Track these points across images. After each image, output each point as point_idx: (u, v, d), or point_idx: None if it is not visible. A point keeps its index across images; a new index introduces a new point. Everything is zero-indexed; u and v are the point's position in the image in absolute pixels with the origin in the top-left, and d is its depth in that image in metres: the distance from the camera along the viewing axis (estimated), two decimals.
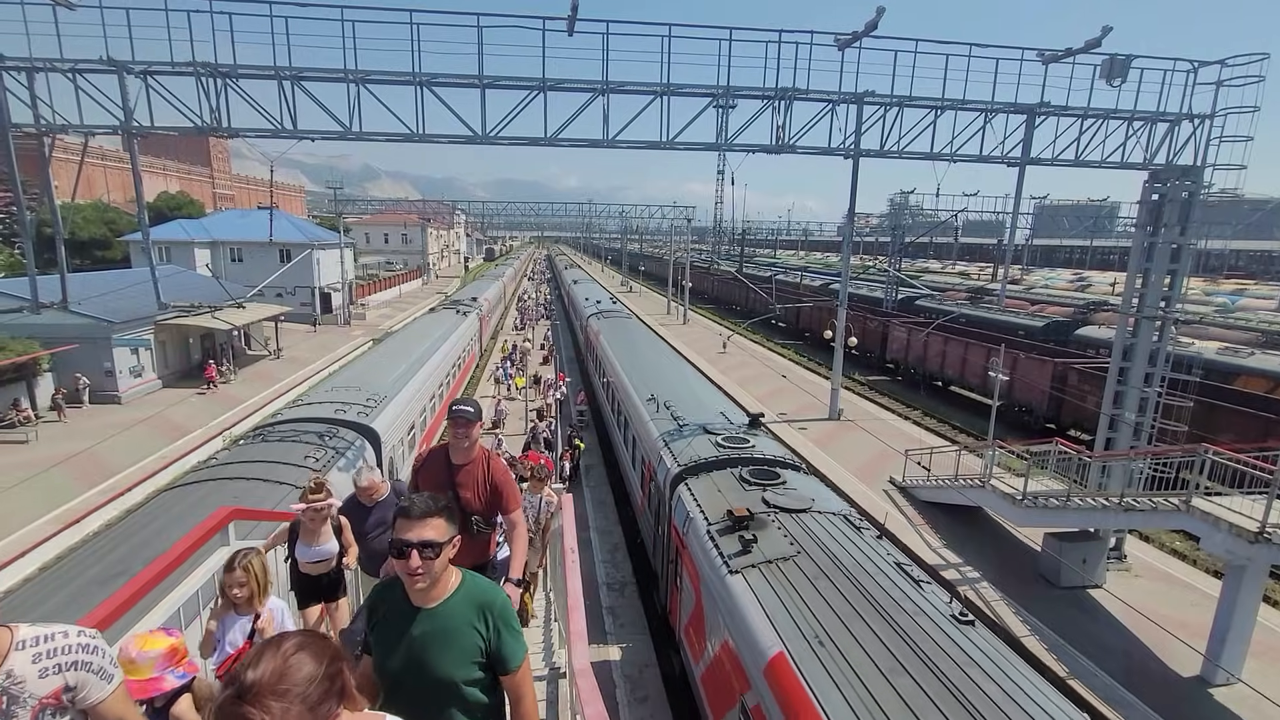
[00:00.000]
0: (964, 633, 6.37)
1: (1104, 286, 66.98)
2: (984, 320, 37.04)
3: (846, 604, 6.96)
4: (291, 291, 46.16)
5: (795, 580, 7.56)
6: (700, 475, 11.01)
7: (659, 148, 13.21)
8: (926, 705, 5.39)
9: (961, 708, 5.32)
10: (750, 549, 8.29)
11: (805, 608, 7.05)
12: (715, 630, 8.25)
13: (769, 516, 9.11)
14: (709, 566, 8.64)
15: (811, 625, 6.75)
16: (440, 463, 4.80)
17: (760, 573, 7.82)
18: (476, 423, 4.70)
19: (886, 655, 6.10)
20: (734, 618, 7.53)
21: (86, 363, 25.21)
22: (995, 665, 5.89)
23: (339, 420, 13.09)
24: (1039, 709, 5.29)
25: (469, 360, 29.52)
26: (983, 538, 16.25)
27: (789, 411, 26.41)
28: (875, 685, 5.73)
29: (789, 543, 8.38)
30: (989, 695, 5.43)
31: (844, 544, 8.29)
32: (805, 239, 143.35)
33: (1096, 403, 22.60)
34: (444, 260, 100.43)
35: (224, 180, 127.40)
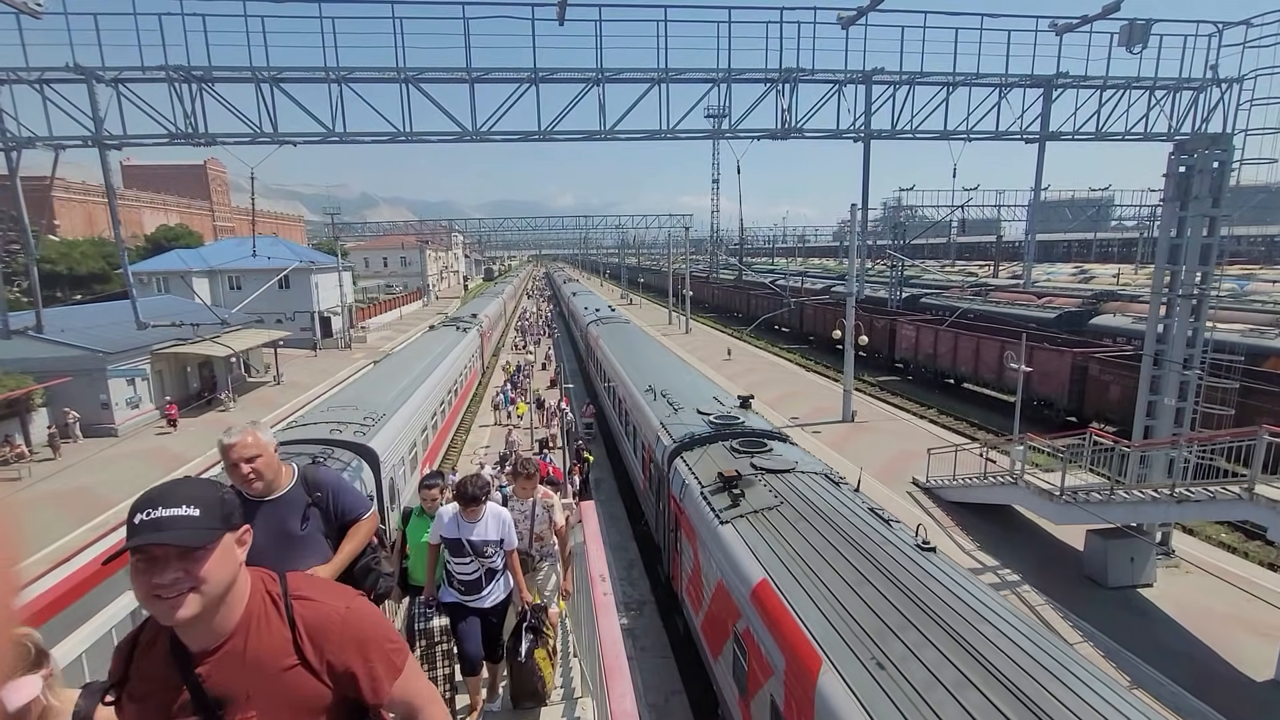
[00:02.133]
0: (926, 557, 7.04)
1: (1106, 278, 66.38)
2: (992, 315, 36.32)
3: (823, 539, 7.71)
4: (291, 317, 45.68)
5: (778, 525, 8.34)
6: (694, 449, 11.82)
7: (659, 137, 12.65)
8: (891, 611, 6.07)
9: (924, 613, 5.95)
10: (739, 503, 9.16)
11: (786, 544, 7.82)
12: (710, 577, 9.04)
13: (756, 477, 9.89)
14: (702, 522, 9.48)
15: (791, 556, 7.53)
16: None
17: (748, 521, 8.65)
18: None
19: (856, 575, 6.82)
20: (726, 559, 8.38)
21: (82, 395, 24.63)
22: (954, 580, 6.51)
23: (334, 440, 12.39)
24: (995, 615, 5.85)
25: (471, 377, 28.87)
26: (1018, 538, 15.43)
27: (801, 415, 25.64)
28: (846, 599, 6.46)
29: (773, 496, 9.16)
30: (948, 604, 6.04)
31: (823, 495, 9.04)
32: (802, 245, 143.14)
33: (1121, 392, 21.88)
34: (443, 281, 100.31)
35: (224, 212, 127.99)
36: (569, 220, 63.94)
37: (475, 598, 4.94)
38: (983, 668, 5.14)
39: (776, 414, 24.73)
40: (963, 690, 4.95)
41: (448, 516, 4.93)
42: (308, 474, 3.50)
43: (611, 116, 12.28)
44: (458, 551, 4.87)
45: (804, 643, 6.12)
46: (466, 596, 4.94)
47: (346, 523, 3.54)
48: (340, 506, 3.51)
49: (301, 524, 3.31)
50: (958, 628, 5.66)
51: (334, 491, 3.51)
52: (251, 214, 16.02)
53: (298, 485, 3.40)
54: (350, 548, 3.49)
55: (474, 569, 4.88)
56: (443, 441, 20.55)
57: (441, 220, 66.20)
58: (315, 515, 3.39)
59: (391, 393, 16.58)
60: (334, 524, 3.51)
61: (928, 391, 31.42)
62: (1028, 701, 4.71)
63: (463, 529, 4.83)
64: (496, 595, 5.02)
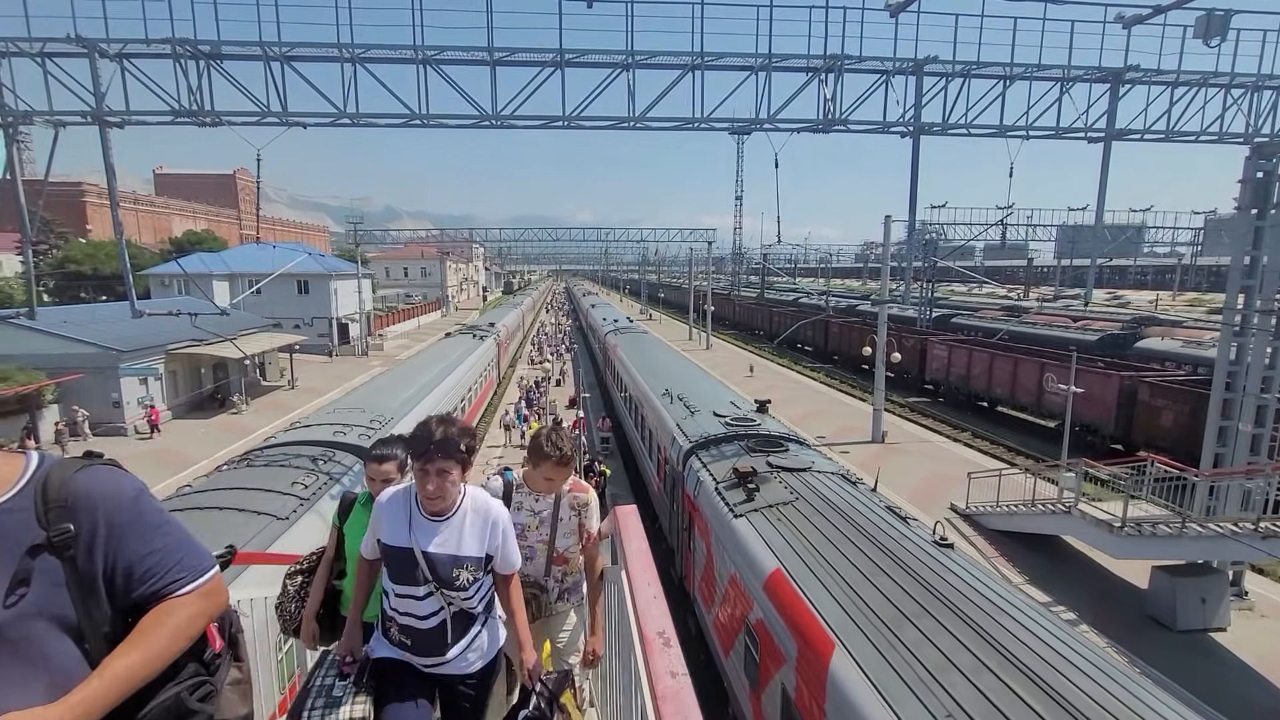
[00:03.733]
0: (944, 553, 6.91)
1: (1141, 304, 64.22)
2: (1029, 336, 34.92)
3: (838, 532, 7.61)
4: (309, 322, 45.66)
5: (793, 519, 8.26)
6: (710, 448, 11.72)
7: (692, 126, 11.86)
8: (906, 600, 5.93)
9: (939, 602, 5.79)
10: (753, 497, 9.04)
11: (801, 537, 7.72)
12: (723, 572, 8.89)
13: (771, 474, 9.76)
14: (716, 517, 9.33)
15: (806, 548, 7.42)
16: None
17: (762, 515, 8.54)
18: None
19: (871, 566, 6.69)
20: (739, 552, 8.22)
21: (93, 393, 24.33)
22: (971, 574, 6.37)
23: (337, 443, 11.66)
24: (1013, 607, 5.70)
25: (486, 385, 28.18)
26: (1070, 572, 14.17)
27: (828, 434, 24.48)
28: (861, 587, 6.31)
29: (788, 492, 9.05)
30: (965, 595, 5.88)
31: (839, 493, 8.92)
32: (825, 265, 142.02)
33: (1175, 419, 20.48)
34: (463, 292, 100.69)
35: (251, 221, 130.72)
36: (589, 234, 63.60)
37: (434, 661, 2.69)
38: (999, 653, 5.01)
39: (802, 432, 23.66)
40: (978, 674, 4.83)
41: (390, 502, 2.69)
42: (59, 478, 1.41)
43: (641, 104, 11.61)
44: (404, 573, 2.60)
45: (816, 628, 6.00)
46: (418, 655, 2.69)
47: (140, 599, 1.45)
48: (125, 560, 1.43)
49: (8, 593, 1.27)
50: (974, 616, 5.55)
51: (114, 525, 1.42)
52: (256, 206, 15.49)
53: (22, 496, 1.36)
54: (130, 665, 1.34)
55: (433, 609, 2.63)
56: None
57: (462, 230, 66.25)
58: (52, 572, 1.34)
59: (401, 397, 15.88)
60: (103, 597, 1.41)
61: (960, 413, 30.09)
62: (1045, 686, 4.59)
63: (417, 530, 2.58)
64: (474, 656, 2.74)
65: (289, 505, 8.82)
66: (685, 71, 11.87)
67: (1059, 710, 4.40)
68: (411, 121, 11.62)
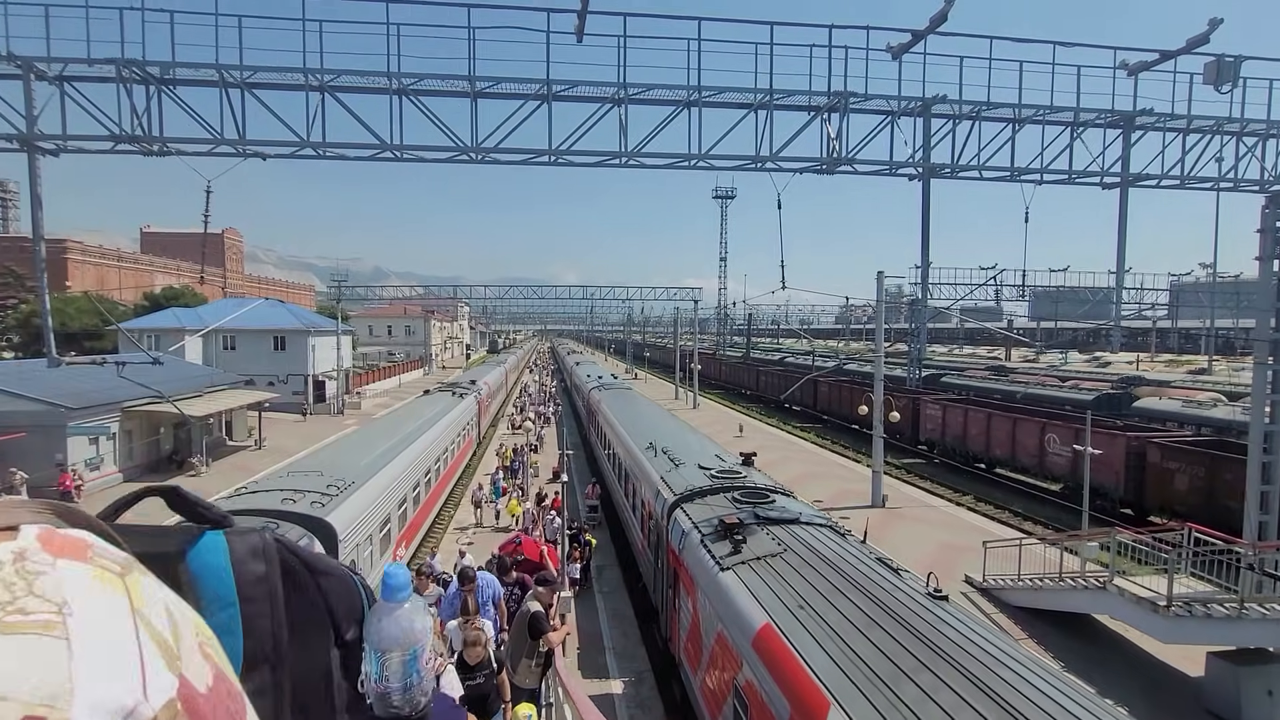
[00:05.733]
0: (939, 605, 6.71)
1: (1122, 366, 64.68)
2: (1020, 395, 34.32)
3: (829, 584, 7.36)
4: (284, 379, 44.00)
5: (782, 571, 7.99)
6: (694, 500, 11.45)
7: (688, 165, 11.21)
8: (903, 655, 5.66)
9: (939, 657, 5.55)
10: (740, 549, 8.75)
11: (790, 589, 7.45)
12: (709, 629, 8.54)
13: (758, 526, 9.51)
14: (702, 571, 9.01)
15: (796, 601, 7.13)
16: None
17: (750, 567, 8.25)
18: None
19: (864, 619, 6.45)
20: (726, 608, 7.90)
21: (37, 454, 22.39)
22: (969, 628, 6.16)
23: (283, 513, 10.22)
24: (1015, 661, 5.49)
25: (465, 445, 26.60)
26: (1110, 657, 12.76)
27: (825, 499, 23.13)
28: (855, 641, 6.07)
29: (776, 544, 8.78)
30: (965, 650, 5.63)
31: (828, 544, 8.68)
32: (805, 327, 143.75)
33: (1190, 483, 19.52)
34: (447, 351, 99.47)
35: (236, 279, 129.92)
36: (575, 293, 63.32)
37: None
38: (1006, 712, 4.74)
39: (797, 494, 22.31)
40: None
41: None
42: None
43: (633, 140, 10.98)
44: None
45: (810, 686, 5.72)
46: None
47: None
48: None
49: None
50: (976, 672, 5.31)
51: None
52: (203, 239, 14.37)
53: None
54: None
55: None
56: (425, 517, 18.12)
57: (447, 285, 65.70)
58: None
59: (366, 458, 14.44)
60: None
61: (956, 475, 28.99)
62: None
63: None
64: None
65: None
66: (681, 107, 11.31)
67: None
68: (382, 154, 10.85)
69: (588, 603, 14.99)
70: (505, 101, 11.03)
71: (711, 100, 11.25)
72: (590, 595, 15.43)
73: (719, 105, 11.53)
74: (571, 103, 11.21)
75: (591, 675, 12.12)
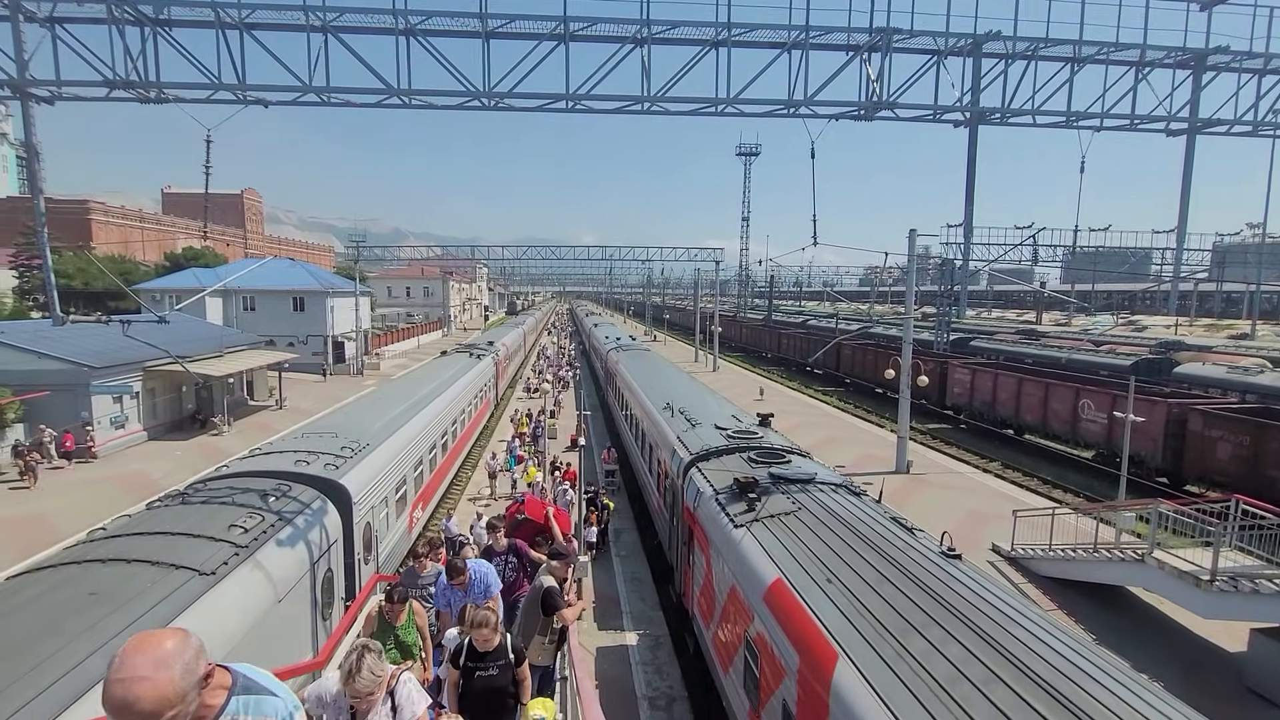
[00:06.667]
0: (951, 563, 6.66)
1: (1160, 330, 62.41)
2: (1053, 360, 33.19)
3: (842, 542, 7.32)
4: (303, 340, 44.25)
5: (795, 529, 7.97)
6: (710, 460, 11.35)
7: (715, 110, 10.41)
8: (913, 610, 5.66)
9: (948, 613, 5.54)
10: (754, 508, 8.71)
11: (803, 546, 7.43)
12: (722, 584, 8.59)
13: (773, 485, 9.44)
14: (716, 528, 9.05)
15: (808, 558, 7.12)
16: None
17: (763, 525, 8.24)
18: None
19: (876, 575, 6.42)
20: (739, 564, 7.95)
21: (62, 412, 22.73)
22: (981, 585, 6.10)
23: (297, 475, 10.01)
24: (1026, 618, 5.42)
25: (482, 407, 26.47)
26: (1141, 631, 12.30)
27: (848, 464, 22.66)
28: (865, 596, 6.03)
29: (791, 503, 8.75)
30: (975, 606, 5.61)
31: (843, 503, 8.65)
32: (828, 289, 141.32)
33: (1233, 451, 18.67)
34: (466, 312, 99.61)
35: (256, 240, 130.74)
36: (594, 253, 62.18)
37: None
38: (1013, 665, 4.76)
39: (818, 459, 21.89)
40: (991, 686, 4.57)
41: None
42: None
43: (657, 83, 10.19)
44: None
45: (819, 638, 5.75)
46: None
47: None
48: None
49: None
50: (985, 627, 5.30)
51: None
52: (205, 192, 13.92)
53: None
54: None
55: None
56: (442, 479, 18.04)
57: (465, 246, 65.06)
58: None
59: (381, 420, 14.23)
60: None
61: (983, 441, 28.30)
62: (1062, 699, 4.31)
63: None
64: None
65: (219, 555, 7.16)
66: (708, 48, 10.45)
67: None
68: (388, 100, 10.20)
69: (605, 566, 14.86)
70: (519, 42, 10.25)
71: (741, 39, 10.36)
72: (608, 559, 15.30)
73: (749, 45, 10.64)
74: (590, 43, 10.41)
75: (607, 629, 12.06)
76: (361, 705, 3.59)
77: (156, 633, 1.98)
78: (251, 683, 2.32)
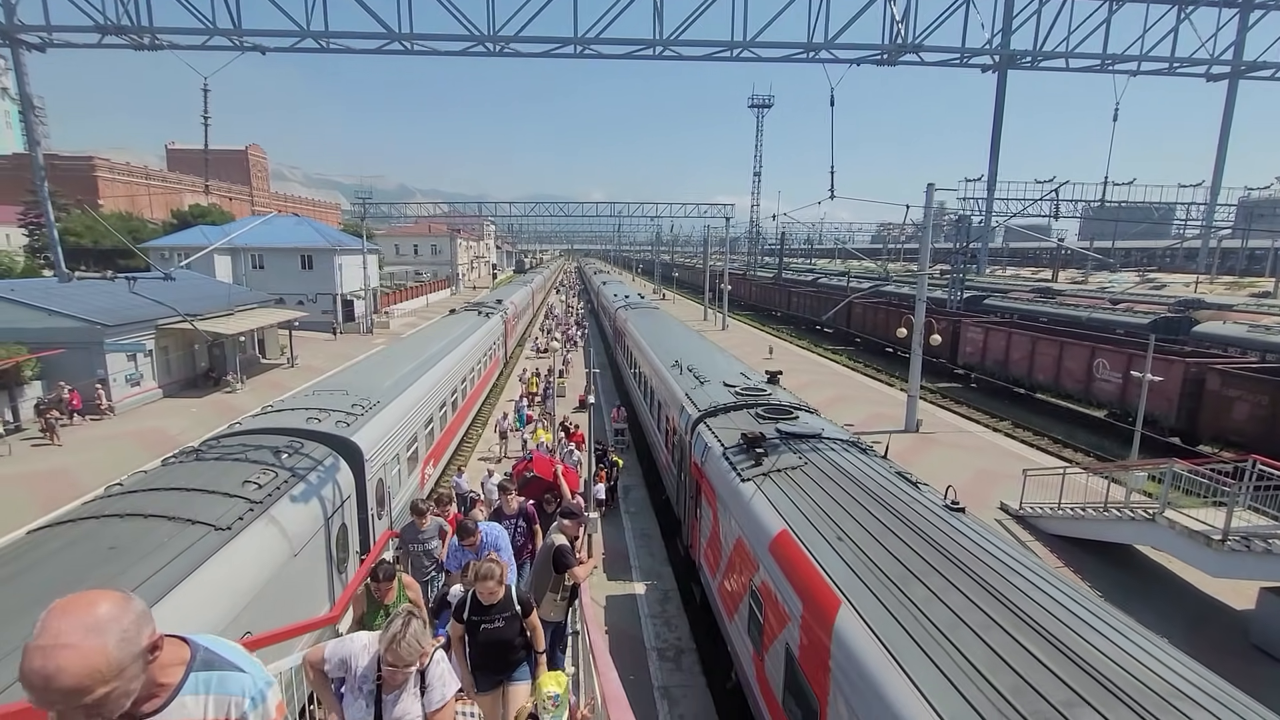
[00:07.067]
0: (954, 516, 6.77)
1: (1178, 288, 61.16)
2: (1068, 319, 32.71)
3: (847, 495, 7.46)
4: (313, 298, 44.28)
5: (801, 482, 8.09)
6: (718, 416, 11.50)
7: (730, 54, 9.93)
8: (915, 559, 5.79)
9: (949, 562, 5.67)
10: (761, 462, 8.83)
11: (808, 499, 7.56)
12: (729, 536, 8.75)
13: (780, 440, 9.54)
14: (723, 482, 9.19)
15: (813, 509, 7.26)
16: None
17: (770, 479, 8.35)
18: None
19: (879, 526, 6.55)
20: (745, 515, 8.09)
21: (77, 369, 22.99)
22: (982, 537, 6.19)
23: (308, 431, 10.08)
24: (1026, 568, 5.54)
25: (491, 365, 26.54)
26: (1147, 588, 12.39)
27: (856, 423, 22.61)
28: (868, 547, 6.17)
29: (797, 457, 8.87)
30: (976, 556, 5.74)
31: (849, 458, 8.76)
32: (840, 246, 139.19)
33: (1251, 411, 18.45)
34: (474, 271, 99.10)
35: (263, 197, 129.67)
36: (603, 209, 61.14)
37: None
38: (1011, 612, 4.86)
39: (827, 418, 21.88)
40: (989, 631, 4.68)
41: None
42: None
43: (670, 25, 9.70)
44: None
45: (822, 586, 5.87)
46: None
47: None
48: None
49: None
50: (985, 576, 5.42)
51: None
52: (204, 143, 13.63)
53: None
54: None
55: None
56: (452, 436, 18.20)
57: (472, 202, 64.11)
58: None
59: (391, 378, 14.27)
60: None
61: (993, 400, 28.16)
62: (1058, 643, 4.41)
63: None
64: None
65: (234, 511, 7.25)
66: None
67: (1072, 667, 4.19)
68: (390, 45, 9.80)
69: (615, 522, 15.06)
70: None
71: None
72: (617, 515, 15.50)
73: None
74: None
75: (617, 582, 12.31)
76: (395, 677, 3.36)
77: (88, 593, 1.64)
78: (214, 656, 2.00)
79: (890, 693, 4.51)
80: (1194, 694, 3.98)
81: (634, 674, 9.50)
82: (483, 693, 4.96)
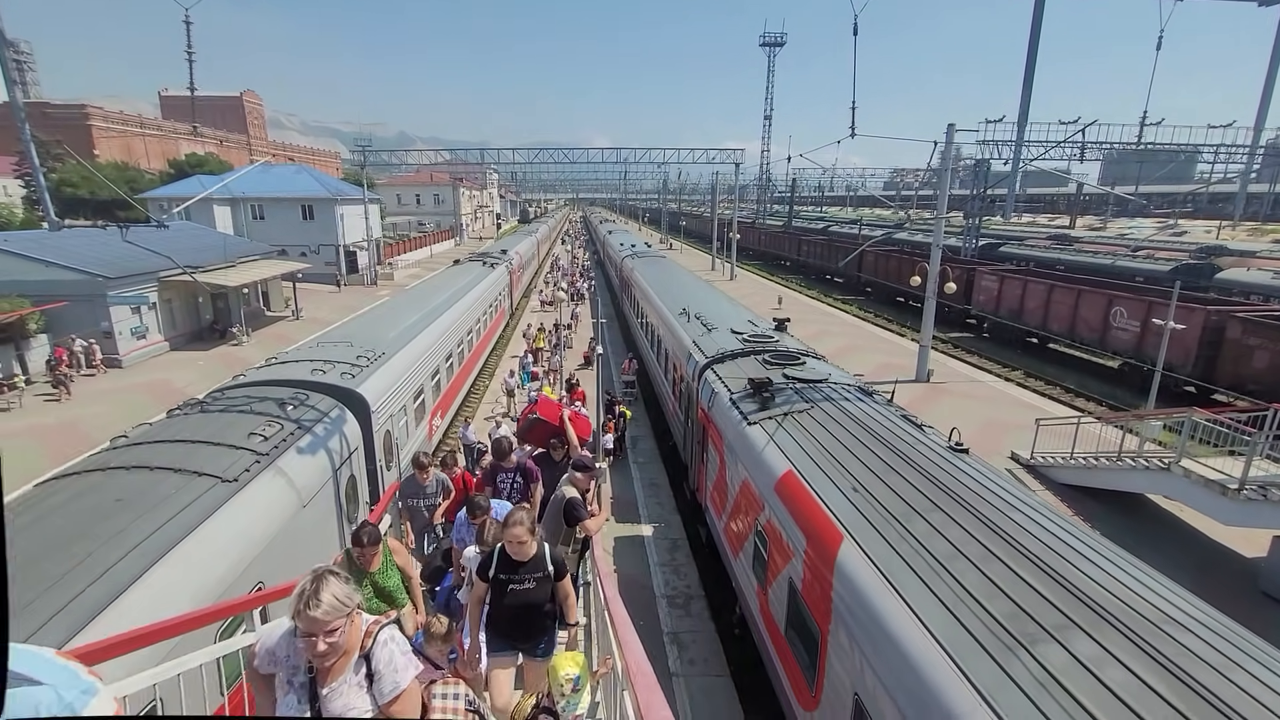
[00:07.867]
0: (958, 457, 6.88)
1: (1200, 235, 59.56)
2: (1086, 266, 31.94)
3: (852, 437, 7.50)
4: (315, 250, 43.79)
5: (806, 425, 8.15)
6: (725, 362, 11.57)
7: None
8: (917, 497, 5.91)
9: (951, 499, 5.79)
10: (768, 406, 8.93)
11: (813, 440, 7.64)
12: (735, 477, 8.88)
13: (786, 384, 9.55)
14: (730, 426, 9.28)
15: (818, 451, 7.35)
16: None
17: (776, 422, 8.41)
18: None
19: (883, 466, 6.64)
20: (751, 457, 8.18)
21: (81, 322, 22.94)
22: (985, 476, 6.31)
23: (313, 383, 9.95)
24: (1027, 505, 5.63)
25: (497, 316, 26.30)
26: (1157, 536, 12.38)
27: (866, 373, 22.31)
28: (871, 485, 6.30)
29: (803, 401, 8.89)
30: (978, 494, 5.85)
31: (855, 402, 8.81)
32: (852, 194, 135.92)
33: (1271, 360, 18.08)
34: (478, 221, 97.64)
35: (261, 145, 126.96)
36: (608, 155, 59.37)
37: None
38: (1009, 544, 4.97)
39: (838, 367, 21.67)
40: (987, 563, 4.78)
41: None
42: None
43: None
44: None
45: (825, 522, 6.00)
46: None
47: None
48: None
49: None
50: (986, 512, 5.51)
51: None
52: (189, 79, 13.03)
53: None
54: None
55: None
56: (459, 388, 18.14)
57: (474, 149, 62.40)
58: None
59: (396, 329, 14.07)
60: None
61: (1005, 350, 27.81)
62: (1055, 575, 4.52)
63: None
64: None
65: (241, 463, 7.17)
66: None
67: (1065, 594, 4.29)
68: None
69: (623, 472, 15.09)
70: None
71: None
72: (626, 465, 15.52)
73: None
74: None
75: (626, 531, 12.40)
76: (325, 661, 2.55)
77: None
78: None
79: (889, 620, 4.65)
80: (1185, 620, 4.05)
81: (643, 620, 9.62)
82: (497, 662, 4.43)
